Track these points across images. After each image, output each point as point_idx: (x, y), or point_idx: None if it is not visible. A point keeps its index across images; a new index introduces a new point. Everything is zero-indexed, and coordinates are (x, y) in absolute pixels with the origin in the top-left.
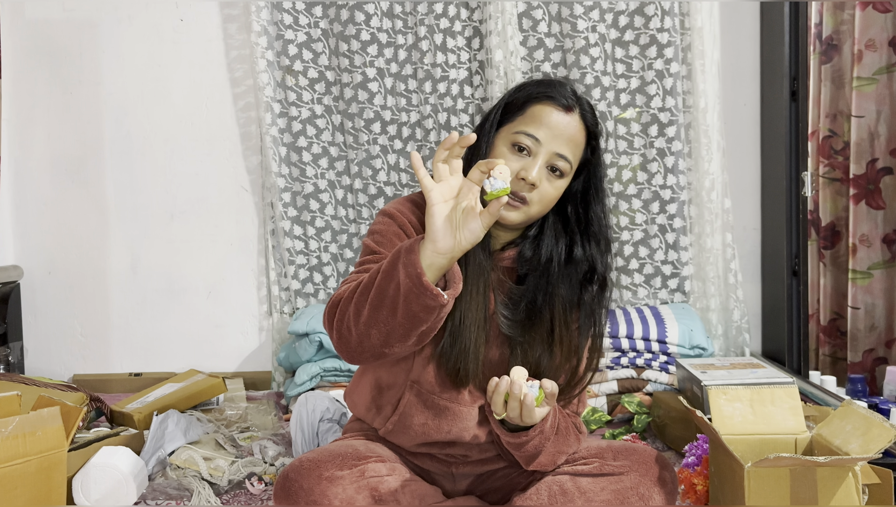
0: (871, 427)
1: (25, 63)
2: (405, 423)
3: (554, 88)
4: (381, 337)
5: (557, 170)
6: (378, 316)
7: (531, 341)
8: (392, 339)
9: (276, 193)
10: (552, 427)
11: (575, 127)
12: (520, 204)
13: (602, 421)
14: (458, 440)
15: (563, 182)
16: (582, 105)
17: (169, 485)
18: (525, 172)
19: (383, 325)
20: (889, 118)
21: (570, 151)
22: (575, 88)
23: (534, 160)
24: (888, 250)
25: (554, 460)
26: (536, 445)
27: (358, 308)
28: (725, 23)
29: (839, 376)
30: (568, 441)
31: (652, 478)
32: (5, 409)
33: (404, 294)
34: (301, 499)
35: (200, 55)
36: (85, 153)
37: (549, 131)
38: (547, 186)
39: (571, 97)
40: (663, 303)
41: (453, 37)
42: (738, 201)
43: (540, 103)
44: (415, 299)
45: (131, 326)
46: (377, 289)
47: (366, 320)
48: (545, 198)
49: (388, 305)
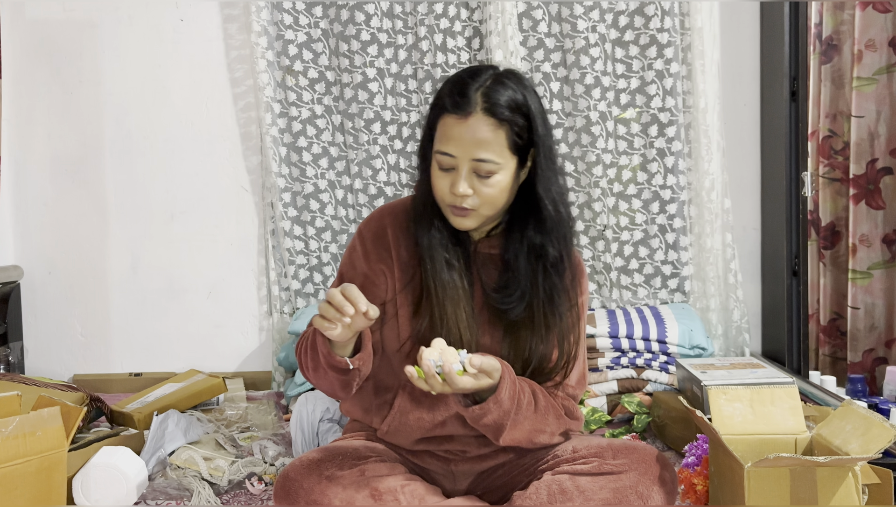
0: (870, 427)
1: (25, 63)
2: (402, 421)
3: (448, 97)
4: (328, 389)
5: (484, 172)
6: (318, 376)
7: (519, 323)
8: (335, 390)
9: (277, 193)
10: (512, 400)
11: (481, 128)
12: (466, 213)
13: (602, 421)
14: (455, 434)
15: (498, 177)
16: (489, 98)
17: (169, 485)
18: (454, 189)
19: (324, 381)
20: (889, 118)
21: (487, 152)
22: (488, 76)
23: (457, 174)
24: (888, 250)
25: (531, 437)
26: (497, 418)
27: (305, 365)
28: (725, 23)
29: (839, 376)
30: (547, 420)
31: (651, 477)
32: (5, 409)
33: (324, 366)
34: (301, 498)
35: (200, 55)
36: (85, 153)
37: (457, 144)
38: (484, 189)
39: (471, 98)
40: (663, 303)
41: (453, 37)
42: (738, 201)
43: (442, 118)
44: (332, 369)
45: (131, 326)
46: (310, 358)
47: (311, 377)
48: (487, 200)
49: (321, 370)
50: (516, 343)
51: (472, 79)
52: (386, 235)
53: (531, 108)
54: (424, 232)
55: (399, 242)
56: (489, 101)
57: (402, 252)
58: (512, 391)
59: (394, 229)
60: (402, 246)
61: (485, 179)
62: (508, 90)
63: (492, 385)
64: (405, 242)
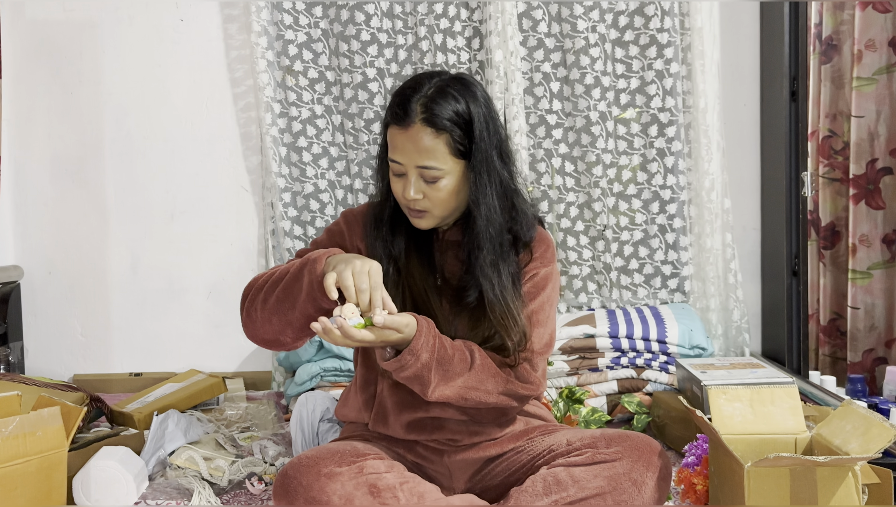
0: (870, 427)
1: (25, 63)
2: (385, 406)
3: (392, 109)
4: (280, 325)
5: (430, 177)
6: (281, 307)
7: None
8: (288, 329)
9: (277, 194)
10: (431, 353)
11: (421, 138)
12: (420, 214)
13: (602, 421)
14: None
15: (445, 182)
16: (427, 108)
17: (169, 485)
18: (406, 193)
19: (284, 315)
20: (889, 118)
21: (429, 159)
22: (433, 84)
23: (406, 180)
24: (888, 250)
25: (462, 394)
26: (416, 371)
27: (266, 296)
28: (725, 23)
29: (839, 376)
30: (481, 377)
31: (645, 463)
32: (5, 409)
33: (305, 294)
34: (300, 496)
35: (200, 55)
36: (85, 153)
37: (402, 152)
38: (433, 193)
39: (411, 109)
40: (663, 303)
41: (453, 37)
42: (738, 201)
43: (389, 128)
44: (311, 300)
45: (131, 326)
46: (284, 286)
47: (270, 308)
48: (438, 202)
49: (290, 299)
50: (476, 324)
51: (414, 91)
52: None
53: (472, 115)
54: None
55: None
56: (428, 111)
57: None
58: (431, 344)
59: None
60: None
61: (432, 183)
62: (449, 99)
63: (403, 339)
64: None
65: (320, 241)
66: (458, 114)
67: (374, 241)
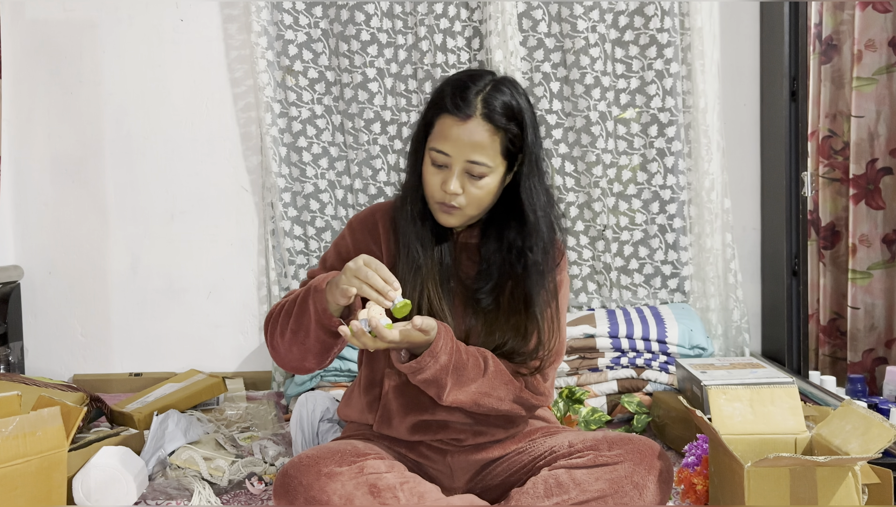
0: (870, 427)
1: (25, 63)
2: (390, 408)
3: (450, 98)
4: (300, 354)
5: (476, 173)
6: (296, 338)
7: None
8: (309, 355)
9: (277, 193)
10: (450, 356)
11: (478, 132)
12: (453, 210)
13: (602, 421)
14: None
15: (488, 180)
16: (488, 103)
17: (169, 485)
18: (445, 186)
19: (301, 345)
20: (889, 118)
21: (481, 155)
22: (487, 81)
23: (450, 172)
24: (888, 250)
25: (476, 399)
26: (434, 374)
27: (283, 329)
28: (725, 23)
29: (839, 376)
30: (494, 384)
31: (646, 467)
32: (5, 409)
33: (315, 324)
34: (300, 495)
35: (200, 55)
36: (85, 153)
37: (454, 144)
38: (473, 190)
39: (471, 102)
40: (663, 303)
41: (453, 37)
42: (738, 201)
43: (441, 117)
44: (322, 328)
45: (131, 326)
46: (295, 317)
47: (288, 340)
48: (475, 200)
49: (303, 330)
50: (489, 329)
51: (473, 82)
52: (377, 229)
53: (525, 116)
54: (409, 220)
55: (389, 237)
56: (488, 107)
57: (391, 246)
58: (449, 348)
59: (384, 224)
60: (392, 241)
61: (476, 180)
62: (506, 97)
63: (426, 341)
64: (394, 237)
65: (328, 257)
66: (515, 114)
67: (411, 237)
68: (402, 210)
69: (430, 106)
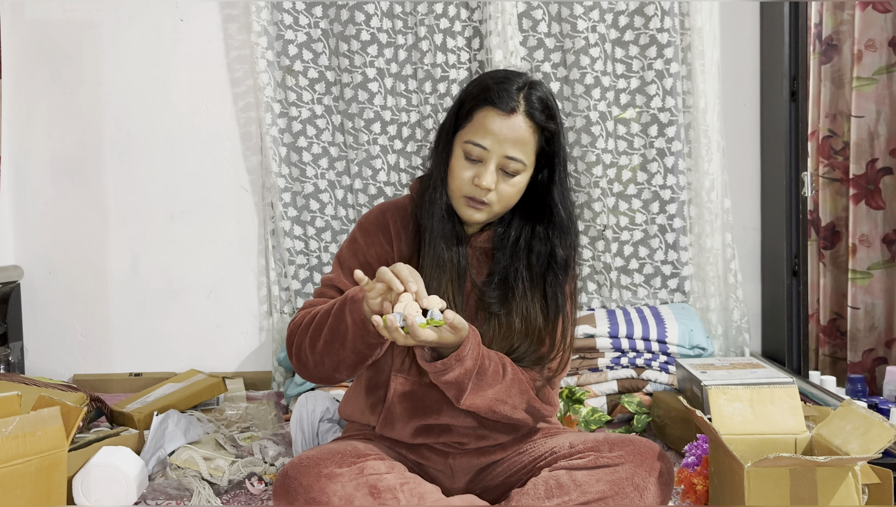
0: (870, 427)
1: (25, 63)
2: (395, 411)
3: (494, 91)
4: (332, 365)
5: (511, 170)
6: (330, 349)
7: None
8: (342, 367)
9: (276, 193)
10: (475, 361)
11: (520, 128)
12: (481, 206)
13: (602, 421)
14: (452, 424)
15: (520, 178)
16: (530, 101)
17: (169, 485)
18: (478, 180)
19: (335, 355)
20: (889, 118)
21: (519, 152)
22: (525, 79)
23: (485, 167)
24: (888, 250)
25: (492, 405)
26: (458, 376)
27: (313, 341)
28: (725, 23)
29: (839, 376)
30: (511, 392)
31: (647, 468)
32: (5, 409)
33: (352, 334)
34: (300, 496)
35: (200, 55)
36: (85, 153)
37: (494, 138)
38: (504, 187)
39: (515, 97)
40: (663, 303)
41: (453, 37)
42: (738, 201)
43: (482, 109)
44: (360, 338)
45: (131, 326)
46: (329, 328)
47: (320, 351)
48: (504, 197)
49: (338, 340)
50: (505, 334)
51: (516, 79)
52: (388, 228)
53: (559, 119)
54: (436, 216)
55: (400, 237)
56: (530, 105)
57: (403, 246)
58: (476, 353)
59: (395, 223)
60: (403, 241)
61: (509, 177)
62: (547, 99)
63: (455, 343)
64: (406, 236)
65: (344, 260)
66: (553, 114)
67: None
68: (429, 206)
69: (469, 98)
